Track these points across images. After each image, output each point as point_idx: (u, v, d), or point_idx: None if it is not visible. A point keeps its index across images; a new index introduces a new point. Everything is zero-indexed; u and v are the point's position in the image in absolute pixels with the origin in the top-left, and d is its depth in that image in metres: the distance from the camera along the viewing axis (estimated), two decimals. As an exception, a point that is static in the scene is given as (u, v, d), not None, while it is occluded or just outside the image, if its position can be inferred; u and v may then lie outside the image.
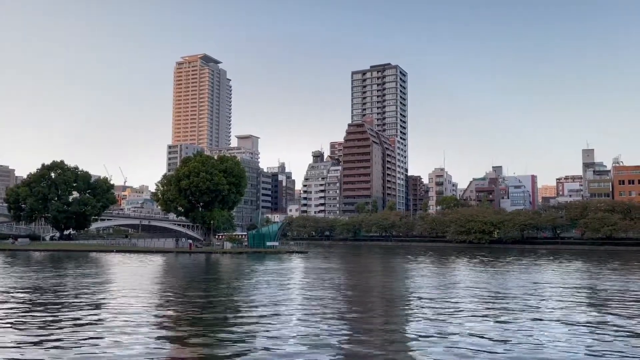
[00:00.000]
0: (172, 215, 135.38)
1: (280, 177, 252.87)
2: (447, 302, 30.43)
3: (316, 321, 23.59)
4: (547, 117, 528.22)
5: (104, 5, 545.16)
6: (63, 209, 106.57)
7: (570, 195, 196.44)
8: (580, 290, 37.11)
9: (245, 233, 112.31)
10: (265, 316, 24.84)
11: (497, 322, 23.74)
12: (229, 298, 32.17)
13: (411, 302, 30.67)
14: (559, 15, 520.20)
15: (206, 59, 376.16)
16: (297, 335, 20.60)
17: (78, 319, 23.63)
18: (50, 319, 23.65)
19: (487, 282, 42.10)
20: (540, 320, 24.37)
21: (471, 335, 20.72)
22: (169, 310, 27.16)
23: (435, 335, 20.72)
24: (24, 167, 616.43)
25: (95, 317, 24.05)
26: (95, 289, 35.57)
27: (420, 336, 20.52)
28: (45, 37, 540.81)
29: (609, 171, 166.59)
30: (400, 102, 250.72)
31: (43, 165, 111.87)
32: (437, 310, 26.96)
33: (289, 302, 30.13)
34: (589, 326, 22.96)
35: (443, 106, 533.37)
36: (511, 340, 19.75)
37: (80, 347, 18.35)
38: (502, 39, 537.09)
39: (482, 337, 20.24)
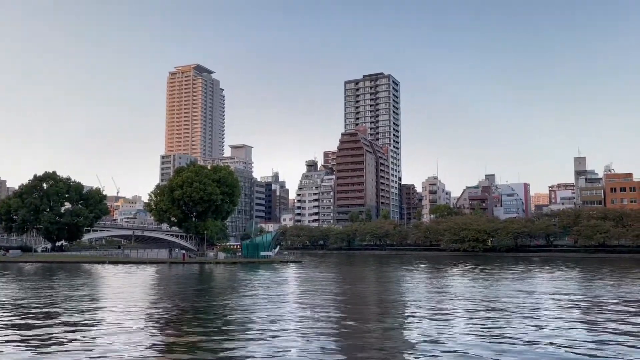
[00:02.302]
0: (165, 226, 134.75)
1: (274, 187, 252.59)
2: (441, 312, 30.40)
3: (311, 332, 23.48)
4: (539, 125, 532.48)
5: (96, 16, 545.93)
6: (55, 220, 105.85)
7: (562, 203, 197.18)
8: (573, 299, 37.19)
9: (239, 243, 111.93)
10: (259, 328, 24.70)
11: (491, 332, 23.73)
12: (223, 309, 31.98)
13: (406, 313, 30.60)
14: (552, 24, 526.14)
15: (199, 69, 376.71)
16: (292, 346, 20.50)
17: (67, 332, 23.39)
18: (39, 333, 23.39)
19: (482, 292, 42.14)
20: (534, 330, 24.39)
21: (465, 346, 20.70)
22: (160, 322, 26.94)
23: (430, 347, 20.67)
24: (16, 178, 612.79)
25: (84, 331, 23.81)
26: (86, 301, 35.25)
27: (414, 347, 20.47)
28: (37, 47, 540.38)
29: (601, 179, 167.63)
30: (393, 111, 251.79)
31: (35, 176, 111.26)
32: (432, 321, 26.92)
33: (283, 312, 29.98)
34: (581, 335, 23.01)
35: (436, 115, 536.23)
36: (505, 351, 19.74)
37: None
38: (495, 48, 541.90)
39: (476, 349, 20.23)
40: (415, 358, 18.76)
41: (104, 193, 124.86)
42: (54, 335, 22.68)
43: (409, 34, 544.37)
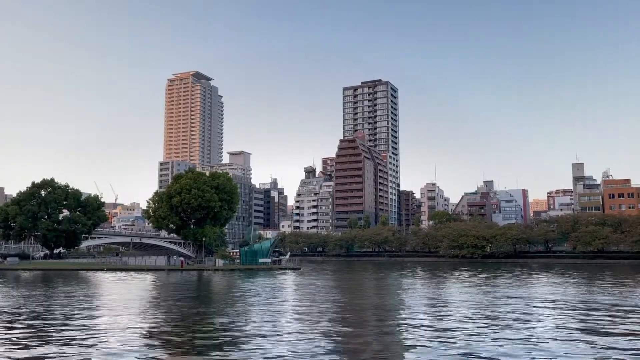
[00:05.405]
0: (163, 233, 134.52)
1: (273, 193, 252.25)
2: (441, 321, 30.30)
3: (308, 341, 23.36)
4: (537, 131, 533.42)
5: (94, 23, 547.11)
6: (53, 227, 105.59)
7: (561, 209, 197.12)
8: (572, 306, 37.11)
9: (237, 250, 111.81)
10: (256, 335, 24.58)
11: (491, 340, 23.65)
12: (220, 317, 31.83)
13: (406, 322, 30.48)
14: (551, 30, 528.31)
15: (198, 76, 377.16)
16: (287, 355, 20.39)
17: (65, 341, 23.25)
18: (36, 342, 23.24)
19: (481, 299, 42.04)
20: (534, 339, 24.30)
21: (465, 355, 20.60)
22: (156, 330, 26.79)
23: (428, 356, 20.58)
24: (14, 185, 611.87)
25: (82, 341, 23.65)
26: (81, 310, 35.06)
27: (411, 357, 20.38)
28: (36, 54, 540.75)
29: (599, 185, 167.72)
30: (392, 118, 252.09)
31: (33, 183, 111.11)
32: (431, 330, 26.82)
33: (280, 321, 29.85)
34: (581, 342, 22.94)
35: (434, 121, 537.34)
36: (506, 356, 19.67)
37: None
38: (493, 55, 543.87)
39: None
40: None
41: (102, 200, 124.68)
42: (50, 341, 22.54)
43: (407, 40, 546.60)
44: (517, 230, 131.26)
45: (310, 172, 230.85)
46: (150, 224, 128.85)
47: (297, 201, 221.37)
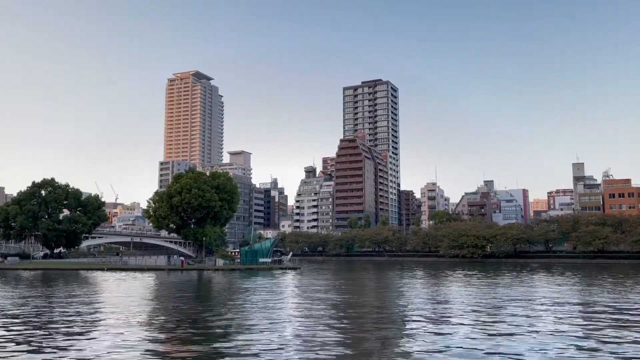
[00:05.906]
0: (164, 232, 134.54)
1: (273, 193, 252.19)
2: (441, 321, 30.31)
3: (308, 341, 23.37)
4: (538, 131, 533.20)
5: (94, 23, 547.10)
6: (53, 227, 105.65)
7: (561, 209, 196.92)
8: (571, 306, 37.13)
9: (237, 250, 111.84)
10: (256, 335, 24.58)
11: (490, 340, 23.66)
12: (221, 318, 31.84)
13: (405, 322, 30.49)
14: (551, 30, 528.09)
15: (198, 76, 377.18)
16: (286, 357, 20.39)
17: (65, 341, 23.26)
18: (36, 342, 23.26)
19: (480, 299, 42.05)
20: (534, 339, 24.31)
21: (465, 355, 20.61)
22: (155, 331, 26.80)
23: (426, 357, 20.58)
24: (14, 185, 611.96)
25: (82, 340, 23.67)
26: (82, 310, 35.07)
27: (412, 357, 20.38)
28: (36, 54, 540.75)
29: (600, 185, 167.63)
30: (392, 117, 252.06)
31: (33, 183, 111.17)
32: (431, 330, 26.82)
33: (279, 321, 29.86)
34: (579, 344, 22.96)
35: (434, 120, 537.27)
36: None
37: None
38: (494, 55, 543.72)
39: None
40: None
41: (103, 200, 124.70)
42: (49, 343, 22.55)
43: (407, 40, 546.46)
44: (517, 230, 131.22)
45: (310, 171, 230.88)
46: (151, 224, 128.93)
47: (297, 201, 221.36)
